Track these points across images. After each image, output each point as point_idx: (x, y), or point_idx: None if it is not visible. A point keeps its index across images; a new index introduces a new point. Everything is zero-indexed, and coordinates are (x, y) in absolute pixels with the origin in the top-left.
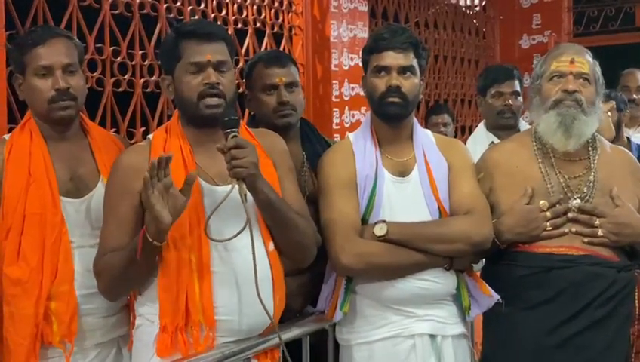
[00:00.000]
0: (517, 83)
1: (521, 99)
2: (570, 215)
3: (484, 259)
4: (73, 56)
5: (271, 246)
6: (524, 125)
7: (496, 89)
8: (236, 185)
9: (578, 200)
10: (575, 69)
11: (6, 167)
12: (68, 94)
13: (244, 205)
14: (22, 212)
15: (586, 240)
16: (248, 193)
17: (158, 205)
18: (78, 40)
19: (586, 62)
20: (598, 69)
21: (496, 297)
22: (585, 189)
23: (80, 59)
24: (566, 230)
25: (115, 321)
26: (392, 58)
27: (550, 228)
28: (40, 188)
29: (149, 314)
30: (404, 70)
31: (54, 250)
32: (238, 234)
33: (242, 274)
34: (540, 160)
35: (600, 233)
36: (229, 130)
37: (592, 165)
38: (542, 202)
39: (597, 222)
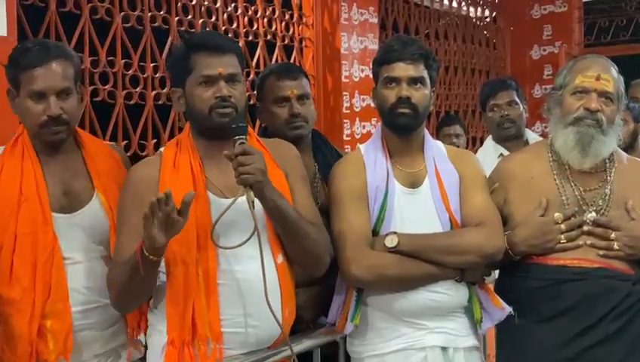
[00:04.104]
0: (513, 93)
1: (520, 108)
2: (585, 228)
3: (496, 272)
4: (69, 78)
5: (279, 258)
6: (532, 136)
7: (492, 102)
8: (244, 194)
9: (593, 213)
10: (600, 87)
11: None
12: (60, 120)
13: (252, 212)
14: (13, 231)
15: (601, 253)
16: (257, 201)
17: (153, 229)
18: (76, 54)
19: (612, 79)
20: (622, 86)
21: (509, 310)
22: (600, 202)
23: (76, 76)
24: (580, 242)
25: (112, 332)
26: (402, 69)
27: (564, 241)
28: (31, 207)
29: (158, 324)
30: (414, 81)
31: (47, 269)
32: (246, 241)
33: (249, 286)
34: (555, 172)
35: (615, 246)
36: (236, 137)
37: (608, 178)
38: (556, 214)
39: (612, 235)
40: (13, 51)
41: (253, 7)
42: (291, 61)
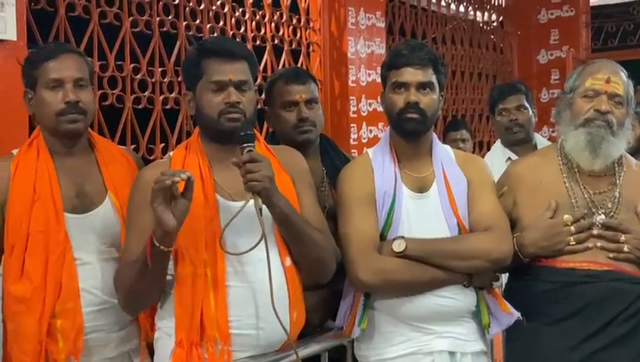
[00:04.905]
0: (522, 97)
1: (529, 112)
2: (594, 231)
3: (504, 277)
4: (84, 71)
5: (287, 261)
6: (541, 140)
7: (501, 106)
8: (252, 200)
9: (603, 216)
10: (610, 89)
11: (12, 184)
12: (77, 108)
13: (260, 219)
14: (26, 230)
15: (611, 255)
16: (265, 207)
17: (160, 208)
18: (89, 58)
19: (622, 82)
20: (631, 89)
21: (517, 315)
22: (609, 205)
23: (90, 75)
24: (590, 245)
25: (124, 335)
26: (410, 74)
27: (574, 243)
28: (44, 206)
29: (166, 327)
30: (422, 86)
31: (57, 268)
32: (253, 248)
33: (258, 289)
34: (564, 174)
35: (625, 249)
36: (244, 145)
37: (618, 181)
38: (566, 216)
39: (622, 238)
40: (28, 54)
41: (260, 12)
42: (298, 65)
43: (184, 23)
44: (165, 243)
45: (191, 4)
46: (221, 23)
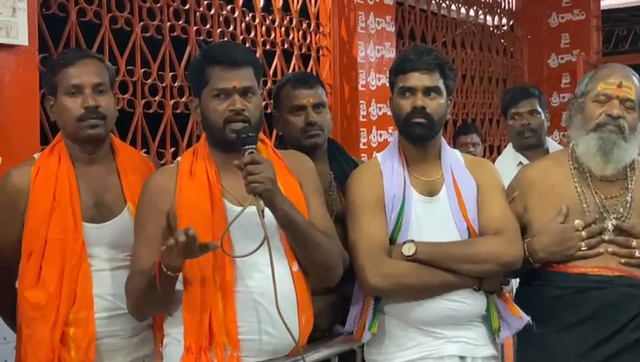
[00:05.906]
0: (535, 101)
1: (541, 116)
2: (605, 236)
3: (514, 281)
4: (103, 76)
5: (295, 266)
6: (553, 144)
7: (514, 110)
8: (254, 204)
9: (614, 221)
10: (622, 94)
11: (32, 190)
12: (97, 113)
13: (262, 221)
14: (44, 237)
15: (622, 260)
16: (268, 211)
17: (173, 257)
18: (109, 63)
19: (634, 87)
20: None
21: (527, 319)
22: (621, 210)
23: (111, 81)
24: (601, 250)
25: (138, 341)
26: (417, 79)
27: (585, 248)
28: (63, 214)
29: (176, 333)
30: (429, 91)
31: (73, 277)
32: (256, 250)
33: (263, 294)
34: (576, 179)
35: (637, 254)
36: (246, 147)
37: (630, 186)
38: (577, 221)
39: (634, 243)
40: (48, 62)
41: (270, 17)
42: (308, 70)
43: (194, 28)
44: (172, 271)
45: (201, 9)
46: (231, 27)
